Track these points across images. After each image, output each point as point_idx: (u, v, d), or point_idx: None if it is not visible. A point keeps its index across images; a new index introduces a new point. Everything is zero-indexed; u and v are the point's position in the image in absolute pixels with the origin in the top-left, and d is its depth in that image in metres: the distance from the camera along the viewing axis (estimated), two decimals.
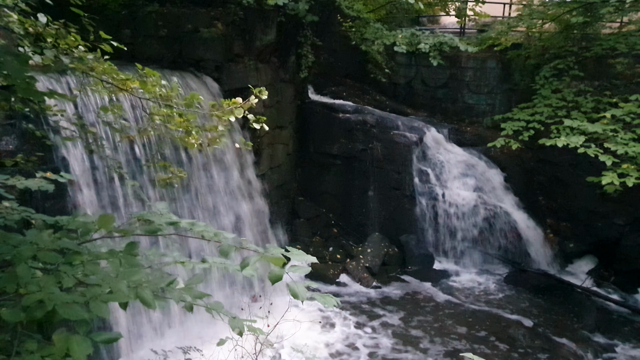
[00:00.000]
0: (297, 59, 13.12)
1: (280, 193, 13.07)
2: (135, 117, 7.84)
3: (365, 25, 13.43)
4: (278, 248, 2.84)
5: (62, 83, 7.06)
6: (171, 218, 3.12)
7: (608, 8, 11.92)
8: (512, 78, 15.04)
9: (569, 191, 13.40)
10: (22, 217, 3.65)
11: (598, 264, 13.21)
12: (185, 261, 3.06)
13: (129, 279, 2.60)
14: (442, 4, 17.04)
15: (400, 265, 12.99)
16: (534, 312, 11.25)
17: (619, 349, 10.08)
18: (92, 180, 7.48)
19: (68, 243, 2.86)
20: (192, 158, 9.41)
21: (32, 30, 4.20)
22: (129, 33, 9.98)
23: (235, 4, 10.30)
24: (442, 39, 12.30)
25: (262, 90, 4.58)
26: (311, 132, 13.98)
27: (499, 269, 13.01)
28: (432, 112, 16.06)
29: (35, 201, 6.08)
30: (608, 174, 10.11)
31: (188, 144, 4.73)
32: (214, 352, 5.13)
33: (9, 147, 6.27)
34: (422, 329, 10.36)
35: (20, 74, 2.84)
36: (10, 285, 2.49)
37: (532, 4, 15.07)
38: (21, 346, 2.38)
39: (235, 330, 2.85)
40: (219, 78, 10.37)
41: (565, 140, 10.68)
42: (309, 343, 8.49)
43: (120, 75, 4.39)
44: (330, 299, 2.88)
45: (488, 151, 14.14)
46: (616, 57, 12.94)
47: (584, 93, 13.20)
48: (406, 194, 13.31)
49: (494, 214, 13.09)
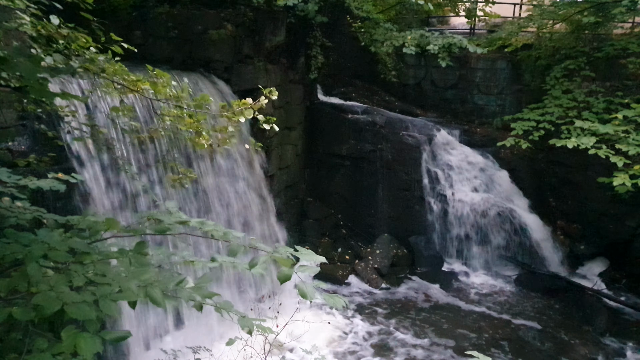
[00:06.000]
0: (306, 59, 13.14)
1: (289, 194, 13.08)
2: (145, 119, 7.88)
3: (375, 26, 13.41)
4: (287, 248, 2.85)
5: (74, 84, 7.12)
6: (181, 217, 3.14)
7: (620, 8, 11.81)
8: (522, 79, 14.95)
9: (579, 192, 13.29)
10: (33, 216, 3.68)
11: (609, 266, 13.07)
12: (194, 260, 3.08)
13: (139, 278, 2.63)
14: (451, 4, 16.96)
15: (409, 267, 12.96)
16: (544, 315, 11.17)
17: (629, 353, 9.98)
18: (104, 179, 7.53)
19: (78, 242, 2.89)
20: (201, 159, 9.44)
21: (44, 32, 4.24)
22: (140, 34, 10.04)
23: (245, 5, 10.33)
24: (452, 40, 12.23)
25: (272, 91, 4.60)
26: (320, 133, 13.98)
27: (508, 271, 12.93)
28: (442, 113, 16.02)
29: (46, 201, 6.13)
30: (619, 175, 10.02)
31: (198, 145, 4.75)
32: (223, 352, 5.16)
33: (22, 148, 6.33)
34: (430, 331, 10.32)
35: (33, 75, 2.87)
36: (22, 284, 2.51)
37: (542, 4, 14.96)
38: (32, 344, 2.40)
39: (245, 329, 2.86)
40: (229, 79, 10.41)
41: (576, 141, 10.61)
42: (318, 343, 8.49)
43: (131, 77, 4.42)
44: (338, 300, 2.88)
45: (498, 152, 14.06)
46: (628, 57, 12.81)
47: (595, 93, 13.09)
48: (415, 195, 13.27)
49: (503, 215, 13.01)
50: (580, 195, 13.30)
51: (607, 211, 12.77)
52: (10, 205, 3.70)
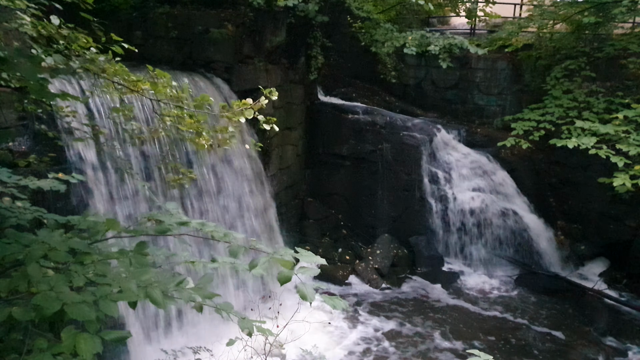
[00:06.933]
0: (306, 60, 13.13)
1: (290, 194, 13.08)
2: (146, 119, 7.88)
3: (376, 26, 13.41)
4: (287, 249, 2.85)
5: (74, 85, 7.12)
6: (181, 218, 3.13)
7: (620, 8, 11.81)
8: (522, 79, 14.94)
9: (580, 193, 13.29)
10: (34, 216, 3.68)
11: (610, 267, 13.07)
12: (195, 261, 3.08)
13: (139, 278, 2.63)
14: (452, 4, 16.95)
15: (410, 267, 12.95)
16: (545, 315, 11.16)
17: (630, 353, 9.97)
18: (105, 180, 7.52)
19: (79, 243, 2.89)
20: (201, 159, 9.44)
21: (45, 32, 4.24)
22: (140, 35, 10.06)
23: (245, 6, 10.33)
24: (452, 40, 12.22)
25: (272, 91, 4.60)
26: (321, 133, 13.98)
27: (509, 271, 12.92)
28: (442, 113, 16.00)
29: (47, 201, 6.13)
30: (620, 176, 10.02)
31: (199, 145, 4.75)
32: (224, 352, 5.16)
33: (22, 148, 6.34)
34: (431, 331, 10.31)
35: (33, 75, 2.87)
36: (22, 284, 2.51)
37: (543, 4, 14.95)
38: (32, 344, 2.40)
39: (245, 330, 2.86)
40: (229, 79, 10.41)
41: (576, 141, 10.61)
42: (318, 344, 8.48)
43: (131, 77, 4.42)
44: (338, 302, 2.88)
45: (498, 152, 14.06)
46: (628, 57, 12.81)
47: (596, 94, 13.09)
48: (416, 195, 13.26)
49: (504, 215, 13.00)
50: (580, 195, 13.29)
51: (608, 211, 12.77)
52: (10, 206, 3.71)
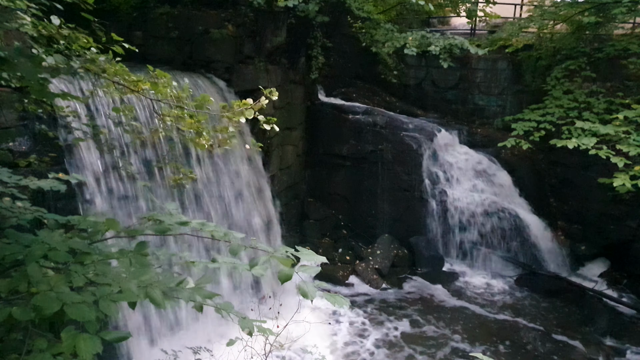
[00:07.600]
0: (307, 60, 13.13)
1: (290, 194, 13.08)
2: (147, 119, 7.88)
3: (376, 26, 13.41)
4: (288, 248, 2.85)
5: (75, 85, 7.12)
6: (181, 218, 3.13)
7: (621, 9, 11.80)
8: (523, 79, 14.95)
9: (580, 193, 13.28)
10: (34, 217, 3.68)
11: (610, 267, 13.07)
12: (195, 261, 3.08)
13: (139, 278, 2.62)
14: (452, 5, 16.94)
15: (410, 267, 12.95)
16: (545, 315, 11.16)
17: (630, 353, 9.97)
18: (105, 180, 7.52)
19: (79, 243, 2.89)
20: (201, 159, 9.44)
21: (45, 32, 4.24)
22: (140, 35, 10.05)
23: (245, 6, 10.33)
24: (453, 41, 12.22)
25: (273, 91, 4.59)
26: (321, 133, 13.98)
27: (509, 272, 12.92)
28: (443, 114, 16.02)
29: (47, 201, 6.13)
30: (620, 176, 10.01)
31: (199, 145, 4.75)
32: (224, 352, 5.15)
33: (22, 148, 6.34)
34: (431, 331, 10.31)
35: (34, 75, 2.87)
36: (22, 285, 2.51)
37: (543, 4, 14.96)
38: (32, 344, 2.40)
39: (245, 330, 2.86)
40: (229, 79, 10.41)
41: (576, 141, 10.60)
42: (318, 344, 8.49)
43: (131, 77, 4.42)
44: (340, 299, 2.87)
45: (499, 153, 14.06)
46: (629, 57, 12.81)
47: (596, 94, 13.09)
48: (416, 195, 13.26)
49: (504, 216, 13.00)
50: (580, 195, 13.29)
51: (608, 212, 12.76)
52: (11, 206, 3.71)
